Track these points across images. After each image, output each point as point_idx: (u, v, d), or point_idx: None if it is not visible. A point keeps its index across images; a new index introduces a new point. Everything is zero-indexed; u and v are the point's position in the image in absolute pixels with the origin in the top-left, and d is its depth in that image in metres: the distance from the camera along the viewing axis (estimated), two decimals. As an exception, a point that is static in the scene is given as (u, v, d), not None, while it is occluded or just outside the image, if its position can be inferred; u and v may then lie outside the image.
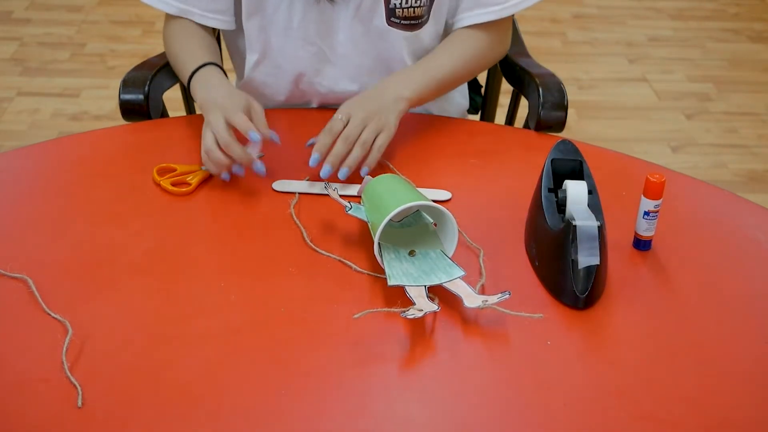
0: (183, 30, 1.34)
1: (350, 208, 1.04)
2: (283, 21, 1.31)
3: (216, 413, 0.84)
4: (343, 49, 1.33)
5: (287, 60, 1.35)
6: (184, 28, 1.34)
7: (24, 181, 1.19)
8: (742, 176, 2.60)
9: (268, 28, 1.33)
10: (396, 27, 1.31)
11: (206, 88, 1.22)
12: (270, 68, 1.37)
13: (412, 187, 1.05)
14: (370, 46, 1.33)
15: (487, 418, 0.85)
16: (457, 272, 0.98)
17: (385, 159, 1.22)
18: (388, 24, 1.31)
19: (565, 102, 1.32)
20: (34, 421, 0.83)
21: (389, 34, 1.32)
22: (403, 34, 1.32)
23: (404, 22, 1.30)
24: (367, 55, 1.34)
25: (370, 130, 1.18)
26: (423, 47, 1.36)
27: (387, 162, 1.22)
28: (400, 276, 0.97)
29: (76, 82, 2.96)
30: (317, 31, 1.32)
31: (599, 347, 0.94)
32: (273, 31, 1.33)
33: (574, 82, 3.06)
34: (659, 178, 1.02)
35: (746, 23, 3.54)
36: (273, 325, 0.95)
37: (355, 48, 1.33)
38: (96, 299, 0.97)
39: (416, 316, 0.90)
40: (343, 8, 1.29)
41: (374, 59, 1.34)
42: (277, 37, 1.33)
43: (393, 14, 1.30)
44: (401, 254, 1.01)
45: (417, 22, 1.31)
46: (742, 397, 0.88)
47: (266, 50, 1.35)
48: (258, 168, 1.14)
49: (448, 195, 1.16)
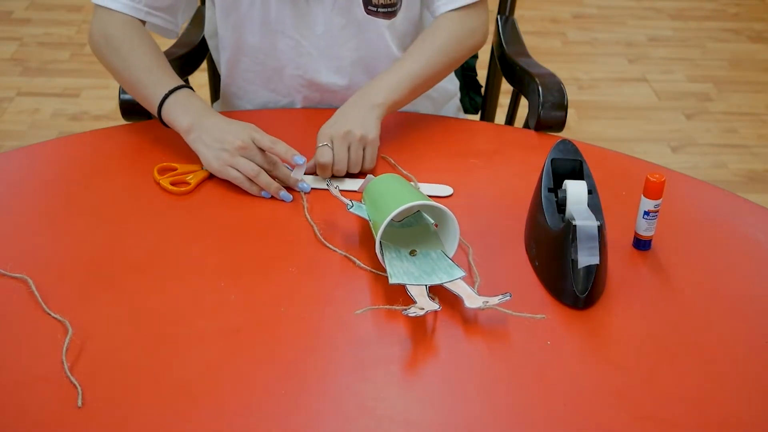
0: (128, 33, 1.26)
1: (351, 206, 1.04)
2: (258, 17, 1.31)
3: (216, 413, 0.84)
4: (322, 42, 1.33)
5: (267, 56, 1.35)
6: (129, 30, 1.26)
7: (24, 181, 1.19)
8: (742, 176, 2.60)
9: (243, 25, 1.32)
10: (374, 15, 1.31)
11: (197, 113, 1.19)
12: (250, 65, 1.37)
13: (413, 187, 1.05)
14: (350, 37, 1.33)
15: (487, 417, 0.85)
16: (458, 273, 0.98)
17: (387, 155, 1.22)
18: (367, 12, 1.31)
19: (565, 102, 1.32)
20: (34, 421, 0.83)
21: (369, 24, 1.32)
22: (384, 23, 1.32)
23: (381, 9, 1.31)
24: (348, 46, 1.34)
25: (355, 148, 1.17)
26: (403, 34, 1.36)
27: (389, 158, 1.22)
28: (401, 275, 0.97)
29: (76, 82, 2.96)
30: (295, 26, 1.31)
31: (599, 347, 0.94)
32: (249, 28, 1.32)
33: (574, 82, 3.06)
34: (659, 177, 1.02)
35: (746, 23, 3.54)
36: (273, 325, 0.95)
37: (335, 40, 1.33)
38: (96, 299, 0.97)
39: (418, 314, 0.90)
40: (319, 3, 1.29)
41: (356, 50, 1.34)
42: (253, 34, 1.33)
43: (369, 2, 1.30)
44: (402, 254, 1.01)
45: (393, 9, 1.31)
46: (742, 397, 0.88)
47: (241, 47, 1.35)
48: (303, 187, 1.15)
49: (449, 191, 1.16)
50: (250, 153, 1.14)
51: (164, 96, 1.20)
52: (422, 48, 1.29)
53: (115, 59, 1.25)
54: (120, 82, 1.28)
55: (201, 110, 1.20)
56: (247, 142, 1.14)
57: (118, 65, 1.25)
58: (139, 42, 1.25)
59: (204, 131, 1.17)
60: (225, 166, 1.14)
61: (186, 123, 1.18)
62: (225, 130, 1.16)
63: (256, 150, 1.14)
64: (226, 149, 1.14)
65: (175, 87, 1.21)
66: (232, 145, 1.14)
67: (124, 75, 1.25)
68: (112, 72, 1.27)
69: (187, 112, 1.19)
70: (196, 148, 1.17)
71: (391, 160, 1.22)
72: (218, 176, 1.16)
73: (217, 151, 1.15)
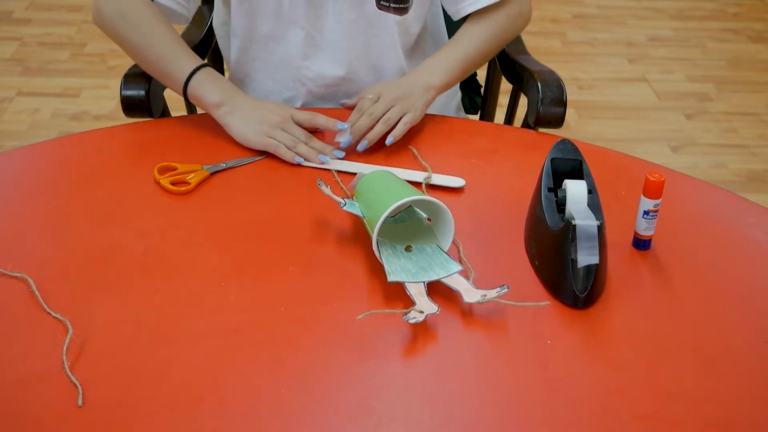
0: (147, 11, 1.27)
1: (344, 204, 1.05)
2: (272, 6, 1.32)
3: (216, 413, 0.84)
4: (332, 35, 1.34)
5: (277, 45, 1.36)
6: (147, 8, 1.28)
7: (24, 181, 1.19)
8: (742, 176, 2.60)
9: (256, 13, 1.34)
10: (386, 10, 1.32)
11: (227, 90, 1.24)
12: (259, 53, 1.38)
13: (406, 183, 1.06)
14: (359, 32, 1.34)
15: (487, 417, 0.85)
16: (455, 267, 0.98)
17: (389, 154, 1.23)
18: (378, 8, 1.32)
19: (564, 97, 1.32)
20: (34, 421, 0.83)
21: (380, 19, 1.33)
22: (394, 19, 1.33)
23: (393, 5, 1.32)
24: (356, 40, 1.35)
25: (396, 110, 1.22)
26: (410, 31, 1.38)
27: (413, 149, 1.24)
28: (398, 272, 0.98)
29: (76, 82, 2.96)
30: (307, 16, 1.33)
31: (599, 346, 0.94)
32: (262, 17, 1.34)
33: (574, 82, 3.06)
34: (659, 177, 1.02)
35: (746, 23, 3.54)
36: (273, 325, 0.95)
37: (344, 33, 1.34)
38: (96, 299, 0.97)
39: (418, 320, 0.91)
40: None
41: (363, 45, 1.36)
42: (265, 23, 1.34)
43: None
44: (398, 250, 1.02)
45: (405, 5, 1.33)
46: (742, 397, 0.88)
47: (253, 35, 1.36)
48: (338, 153, 1.21)
49: (462, 182, 1.18)
50: (288, 126, 1.21)
51: (192, 71, 1.24)
52: (471, 33, 1.34)
53: (134, 35, 1.27)
54: (137, 58, 1.30)
55: (231, 87, 1.26)
56: (286, 117, 1.22)
57: (137, 41, 1.27)
58: (158, 20, 1.28)
59: (237, 107, 1.23)
60: (263, 136, 1.20)
61: (217, 98, 1.23)
62: (261, 106, 1.24)
63: (293, 124, 1.22)
64: (265, 122, 1.21)
65: (202, 64, 1.26)
66: (272, 119, 1.21)
67: (145, 51, 1.27)
68: (129, 48, 1.29)
69: (217, 88, 1.24)
70: (226, 122, 1.23)
71: (414, 150, 1.23)
72: (253, 147, 1.21)
73: (255, 124, 1.21)
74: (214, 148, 1.23)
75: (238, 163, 1.20)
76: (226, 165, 1.20)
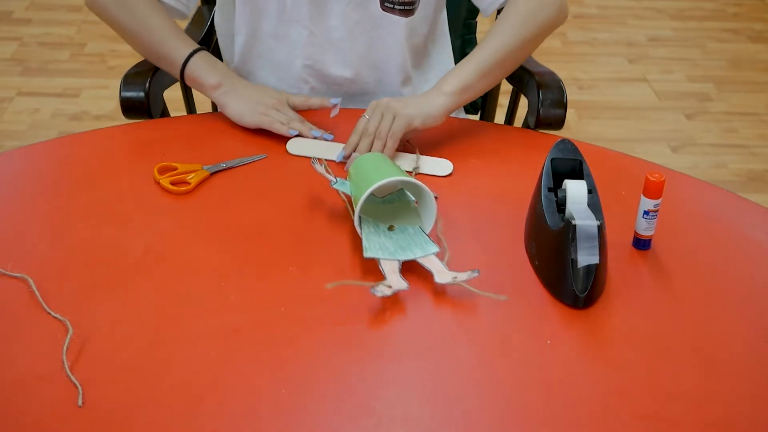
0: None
1: (335, 182, 1.06)
2: (276, 4, 1.33)
3: (216, 412, 0.84)
4: (336, 34, 1.34)
5: (280, 43, 1.36)
6: None
7: (24, 181, 1.19)
8: (742, 176, 2.60)
9: (260, 11, 1.34)
10: (390, 12, 1.32)
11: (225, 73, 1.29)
12: (262, 50, 1.38)
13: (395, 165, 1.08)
14: (363, 32, 1.34)
15: (487, 416, 0.85)
16: (432, 248, 1.00)
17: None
18: (383, 9, 1.31)
19: (565, 99, 1.32)
20: (34, 421, 0.83)
21: (383, 20, 1.32)
22: (400, 21, 1.32)
23: (398, 7, 1.31)
24: (360, 41, 1.35)
25: (386, 120, 1.21)
26: (416, 33, 1.37)
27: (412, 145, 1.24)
28: (376, 249, 0.99)
29: (76, 82, 2.96)
30: (310, 16, 1.33)
31: (599, 346, 0.94)
32: (266, 15, 1.34)
33: (574, 82, 3.06)
34: (659, 177, 1.02)
35: (746, 23, 3.54)
36: (273, 325, 0.95)
37: (348, 34, 1.34)
38: (96, 299, 0.97)
39: (385, 293, 0.93)
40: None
41: (368, 46, 1.35)
42: (269, 21, 1.35)
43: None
44: (380, 228, 1.04)
45: (411, 7, 1.32)
46: (742, 397, 0.88)
47: (257, 33, 1.36)
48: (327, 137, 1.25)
49: (450, 167, 1.19)
50: (284, 108, 1.27)
51: (189, 54, 1.28)
52: (493, 32, 1.27)
53: (129, 19, 1.29)
54: (132, 42, 1.32)
55: (228, 71, 1.31)
56: (282, 99, 1.28)
57: (133, 25, 1.30)
58: (153, 5, 1.30)
59: (234, 88, 1.28)
60: (258, 115, 1.25)
61: (215, 80, 1.27)
62: (258, 89, 1.29)
63: (288, 107, 1.27)
64: (262, 103, 1.26)
65: (199, 48, 1.29)
66: (268, 101, 1.27)
67: (141, 35, 1.30)
68: (124, 31, 1.31)
69: (214, 71, 1.28)
70: (225, 101, 1.27)
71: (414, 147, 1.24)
72: (248, 125, 1.26)
73: (253, 104, 1.26)
74: (214, 148, 1.24)
75: (238, 163, 1.21)
76: (226, 165, 1.20)
